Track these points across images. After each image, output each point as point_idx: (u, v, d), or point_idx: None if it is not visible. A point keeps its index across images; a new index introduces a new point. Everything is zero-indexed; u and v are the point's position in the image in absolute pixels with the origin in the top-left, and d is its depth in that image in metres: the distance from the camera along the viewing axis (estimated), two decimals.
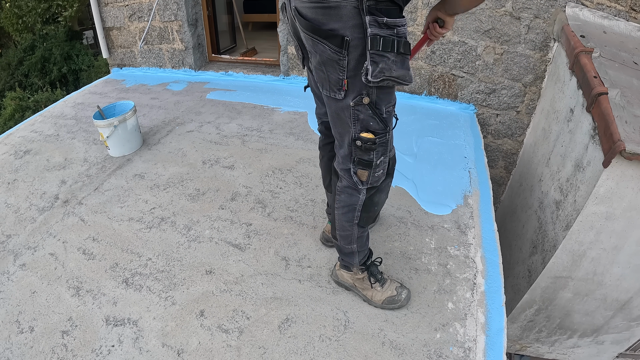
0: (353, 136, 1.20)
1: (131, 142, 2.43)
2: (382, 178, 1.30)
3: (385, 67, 1.05)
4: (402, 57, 1.06)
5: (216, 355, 1.34)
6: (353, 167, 1.26)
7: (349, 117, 1.17)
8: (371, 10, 1.00)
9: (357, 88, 1.10)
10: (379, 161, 1.24)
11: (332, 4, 1.01)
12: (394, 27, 1.02)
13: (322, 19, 1.04)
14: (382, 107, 1.15)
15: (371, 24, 1.00)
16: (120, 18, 3.53)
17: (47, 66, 9.06)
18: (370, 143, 1.19)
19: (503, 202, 3.10)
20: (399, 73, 1.07)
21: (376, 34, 1.01)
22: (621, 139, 1.48)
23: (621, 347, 2.38)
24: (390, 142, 1.28)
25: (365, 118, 1.16)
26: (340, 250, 1.47)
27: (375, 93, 1.12)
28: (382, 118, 1.16)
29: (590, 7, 2.35)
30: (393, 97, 1.19)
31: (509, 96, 2.74)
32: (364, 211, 1.34)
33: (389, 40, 1.02)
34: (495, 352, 1.32)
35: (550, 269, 1.97)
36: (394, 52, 1.04)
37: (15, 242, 1.84)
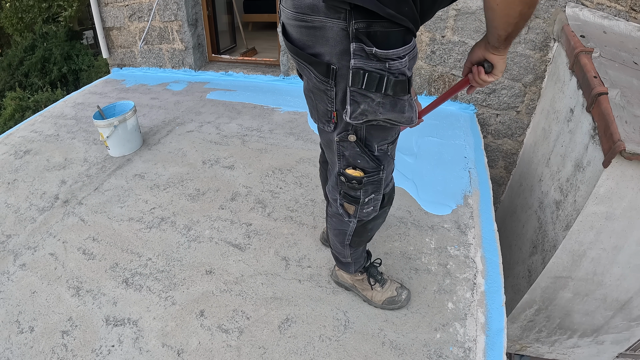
0: (338, 170, 1.08)
1: (131, 142, 2.43)
2: (373, 214, 1.18)
3: (369, 110, 0.88)
4: (393, 99, 0.87)
5: (216, 355, 1.34)
6: (340, 199, 1.16)
7: (335, 151, 1.05)
8: (359, 34, 0.79)
9: (344, 122, 0.96)
10: (368, 199, 1.11)
11: (316, 23, 0.82)
12: (385, 60, 0.81)
13: (307, 40, 0.86)
14: (374, 145, 1.00)
15: (356, 54, 0.81)
16: (120, 18, 3.53)
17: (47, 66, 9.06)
18: (355, 182, 1.06)
19: (503, 202, 3.10)
20: (388, 116, 0.90)
21: (359, 68, 0.82)
22: (621, 139, 1.48)
23: (621, 347, 2.38)
24: (386, 178, 1.12)
25: (352, 155, 1.02)
26: (336, 258, 1.44)
27: (365, 129, 0.97)
28: (373, 156, 1.02)
29: (590, 7, 2.35)
30: (390, 134, 1.02)
31: (509, 96, 2.74)
32: (356, 236, 1.26)
33: (375, 77, 0.82)
34: (495, 352, 1.32)
35: (550, 269, 1.97)
36: (380, 92, 0.84)
37: (15, 242, 1.84)
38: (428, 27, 2.68)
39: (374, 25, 0.78)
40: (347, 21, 0.79)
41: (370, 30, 0.79)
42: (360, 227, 1.22)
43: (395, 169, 2.19)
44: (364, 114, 0.89)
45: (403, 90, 0.86)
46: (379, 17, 0.76)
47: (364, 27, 0.78)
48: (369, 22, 0.78)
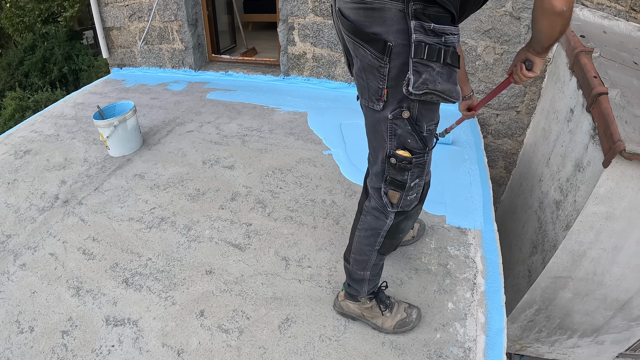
0: (388, 152, 1.10)
1: (131, 142, 2.43)
2: (415, 203, 1.19)
3: (429, 79, 0.95)
4: (449, 69, 0.95)
5: (216, 355, 1.34)
6: (384, 187, 1.16)
7: (386, 130, 1.07)
8: (418, 14, 0.90)
9: (397, 100, 1.01)
10: (414, 183, 1.13)
11: (375, 5, 0.92)
12: (442, 34, 0.91)
13: (365, 21, 0.95)
14: (423, 124, 1.05)
15: (416, 30, 0.90)
16: (120, 18, 3.53)
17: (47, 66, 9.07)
18: (405, 162, 1.09)
19: (503, 202, 3.10)
20: (444, 87, 0.97)
21: (421, 41, 0.91)
22: (621, 139, 1.48)
23: (621, 347, 2.38)
24: (428, 164, 1.17)
25: (403, 134, 1.06)
26: (350, 275, 1.36)
27: (417, 108, 1.02)
28: (422, 136, 1.06)
29: (590, 7, 2.35)
30: (436, 114, 1.08)
31: (509, 96, 2.74)
32: (388, 237, 1.25)
33: (435, 49, 0.91)
34: (495, 352, 1.32)
35: (550, 269, 1.97)
36: (440, 62, 0.93)
37: (15, 242, 1.84)
38: None
39: (428, 8, 0.90)
40: (404, 3, 0.90)
41: (426, 12, 0.90)
42: (394, 226, 1.22)
43: None
44: (425, 83, 0.95)
45: (456, 61, 0.95)
46: (432, 2, 0.89)
47: (422, 9, 0.89)
48: (425, 5, 0.89)
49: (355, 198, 2.00)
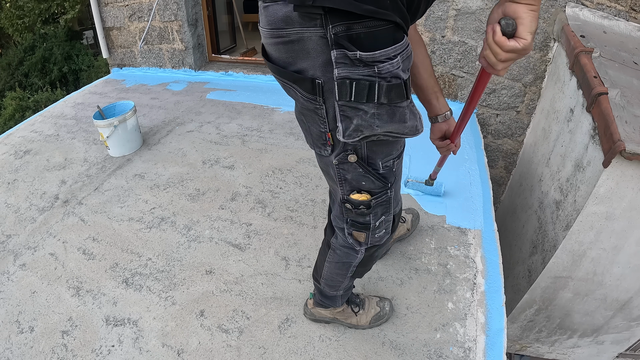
0: (342, 197, 0.97)
1: (131, 142, 2.43)
2: (385, 237, 1.07)
3: (363, 124, 0.76)
4: (390, 108, 0.75)
5: (216, 355, 1.34)
6: (347, 228, 1.04)
7: (335, 176, 0.93)
8: (339, 39, 0.68)
9: (342, 143, 0.85)
10: (379, 222, 1.00)
11: (293, 36, 0.73)
12: (373, 63, 0.69)
13: (287, 57, 0.77)
14: (378, 162, 0.89)
15: (338, 62, 0.70)
16: (120, 18, 3.53)
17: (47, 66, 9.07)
18: (363, 207, 0.95)
19: (503, 202, 3.10)
20: (388, 129, 0.78)
21: (345, 77, 0.71)
22: (621, 139, 1.48)
23: (621, 347, 2.38)
24: (394, 197, 1.01)
25: (355, 177, 0.90)
26: (321, 292, 1.29)
27: (366, 147, 0.85)
28: (378, 175, 0.90)
29: (590, 7, 2.35)
30: (395, 147, 0.90)
31: (509, 96, 2.74)
32: (361, 266, 1.16)
33: (363, 85, 0.71)
34: (495, 352, 1.32)
35: (550, 269, 1.97)
36: (372, 102, 0.73)
37: (15, 242, 1.84)
38: (428, 27, 2.68)
39: (355, 26, 0.67)
40: (324, 27, 0.68)
41: (352, 32, 0.67)
42: (368, 257, 1.12)
43: None
44: (359, 129, 0.77)
45: (400, 95, 0.75)
46: (358, 16, 0.66)
47: (344, 30, 0.67)
48: (348, 24, 0.67)
49: None
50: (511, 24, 0.66)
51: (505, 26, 0.66)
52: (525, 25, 0.65)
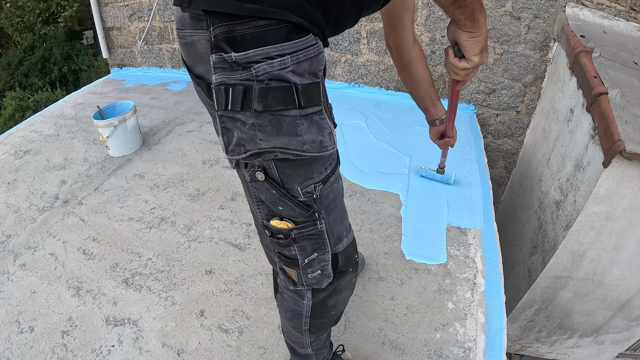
0: (261, 222, 0.83)
1: (131, 142, 2.43)
2: (325, 281, 0.88)
3: (244, 138, 0.66)
4: (274, 117, 0.64)
5: (216, 355, 1.34)
6: (278, 262, 0.88)
7: (250, 194, 0.80)
8: (219, 42, 0.61)
9: None
10: (309, 260, 0.83)
11: (187, 39, 0.68)
12: (249, 64, 0.60)
13: (190, 60, 0.71)
14: (295, 187, 0.74)
15: (217, 67, 0.62)
16: (120, 18, 3.53)
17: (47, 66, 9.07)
18: (282, 237, 0.79)
19: (503, 202, 3.10)
20: (275, 143, 0.66)
21: (221, 83, 0.63)
22: (621, 139, 1.48)
23: (621, 347, 2.38)
24: (331, 231, 0.83)
25: (270, 200, 0.76)
26: (293, 350, 1.11)
27: (275, 165, 0.72)
28: (298, 202, 0.75)
29: (590, 7, 2.35)
30: (316, 169, 0.74)
31: (509, 96, 2.74)
32: (315, 317, 0.96)
33: (239, 91, 0.62)
34: (495, 352, 1.32)
35: (550, 269, 1.97)
36: (249, 109, 0.63)
37: (15, 242, 1.84)
38: (428, 27, 2.68)
39: (239, 27, 0.60)
40: (209, 30, 0.62)
41: (236, 34, 0.60)
42: (318, 305, 0.93)
43: (393, 169, 2.19)
44: (241, 144, 0.67)
45: (282, 101, 0.63)
46: (241, 16, 0.59)
47: (225, 32, 0.60)
48: (231, 25, 0.60)
49: (355, 198, 2.00)
50: (457, 50, 0.78)
51: (456, 51, 0.79)
52: (468, 50, 0.77)
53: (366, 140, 2.45)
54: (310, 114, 0.67)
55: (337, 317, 1.04)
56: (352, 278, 0.95)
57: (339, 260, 0.89)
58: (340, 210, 0.86)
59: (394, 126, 2.58)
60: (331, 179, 0.79)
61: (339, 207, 0.85)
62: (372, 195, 2.00)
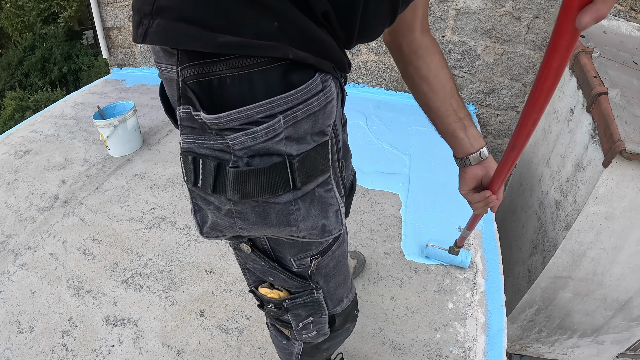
0: (248, 288, 0.74)
1: (131, 142, 2.42)
2: (321, 338, 0.81)
3: (220, 223, 0.53)
4: (258, 203, 0.50)
5: (216, 355, 1.34)
6: (269, 319, 0.82)
7: (237, 259, 0.70)
8: (187, 90, 0.45)
9: None
10: (303, 324, 0.75)
11: (165, 74, 0.51)
12: (222, 132, 0.45)
13: (171, 97, 0.55)
14: (287, 258, 0.63)
15: (184, 126, 0.48)
16: (120, 18, 3.53)
17: (47, 66, 9.07)
18: (272, 306, 0.70)
19: (503, 202, 3.10)
20: (264, 232, 0.54)
21: (188, 151, 0.49)
22: (621, 139, 1.48)
23: (621, 347, 2.38)
24: (331, 296, 0.74)
25: (259, 269, 0.66)
26: None
27: (266, 238, 0.61)
28: (291, 273, 0.65)
29: None
30: (315, 242, 0.62)
31: (509, 96, 2.74)
32: (307, 356, 0.89)
33: (209, 168, 0.47)
34: (495, 352, 1.32)
35: (550, 269, 1.97)
36: (221, 192, 0.49)
37: (15, 242, 1.84)
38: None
39: (215, 67, 0.43)
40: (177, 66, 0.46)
41: (212, 77, 0.43)
42: (310, 349, 0.86)
43: (393, 169, 2.19)
44: (217, 229, 0.54)
45: (269, 187, 0.47)
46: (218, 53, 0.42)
47: (197, 75, 0.44)
48: (204, 64, 0.43)
49: (355, 198, 2.00)
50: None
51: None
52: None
53: (366, 140, 2.45)
54: (312, 190, 0.52)
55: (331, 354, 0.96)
56: (350, 327, 0.87)
57: (337, 320, 0.79)
58: (342, 273, 0.74)
59: (394, 126, 2.58)
60: (333, 248, 0.66)
61: (341, 271, 0.73)
62: (372, 195, 2.00)
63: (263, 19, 0.41)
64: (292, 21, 0.42)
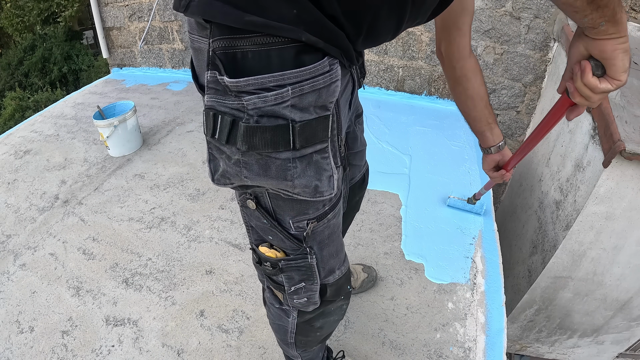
0: (250, 245, 0.82)
1: (131, 142, 2.43)
2: (312, 307, 0.86)
3: (229, 171, 0.62)
4: (261, 157, 0.59)
5: (216, 355, 1.34)
6: (265, 281, 0.88)
7: (243, 218, 0.79)
8: (215, 58, 0.54)
9: None
10: (295, 288, 0.81)
11: (195, 44, 0.60)
12: (240, 94, 0.54)
13: (197, 67, 0.63)
14: (287, 219, 0.70)
15: (209, 87, 0.56)
16: (120, 18, 3.53)
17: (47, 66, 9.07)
18: (268, 265, 0.77)
19: (503, 202, 3.10)
20: (264, 183, 0.62)
21: (210, 108, 0.58)
22: (621, 139, 1.48)
23: (621, 347, 2.38)
24: (323, 264, 0.80)
25: (260, 227, 0.74)
26: (285, 355, 1.12)
27: (268, 197, 0.68)
28: (289, 234, 0.72)
29: None
30: (311, 205, 0.69)
31: (509, 96, 2.74)
32: (300, 334, 0.94)
33: (226, 122, 0.57)
34: (495, 352, 1.32)
35: (550, 269, 1.97)
36: (233, 144, 0.58)
37: (15, 242, 1.84)
38: (428, 26, 2.68)
39: (240, 42, 0.52)
40: (209, 37, 0.54)
41: (236, 50, 0.53)
42: (303, 324, 0.91)
43: (394, 171, 2.19)
44: (226, 176, 0.63)
45: (272, 143, 0.57)
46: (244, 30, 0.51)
47: (224, 47, 0.53)
48: (231, 39, 0.52)
49: None
50: (600, 66, 0.58)
51: (595, 68, 0.59)
52: (617, 66, 0.57)
53: (366, 140, 2.45)
54: (309, 154, 0.60)
55: (325, 337, 1.03)
56: (343, 305, 0.93)
57: (328, 291, 0.85)
58: (336, 244, 0.82)
59: (394, 126, 2.58)
60: (329, 216, 0.74)
61: (335, 241, 0.81)
62: (372, 195, 2.00)
63: (284, 6, 0.50)
64: (307, 10, 0.51)
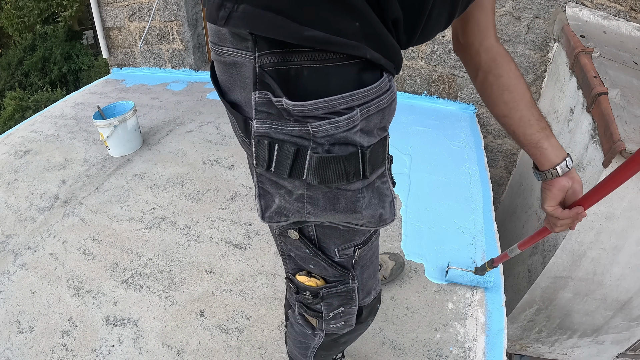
0: (285, 274, 0.77)
1: (131, 142, 2.42)
2: (346, 329, 0.84)
3: (288, 208, 0.55)
4: (330, 190, 0.53)
5: (216, 355, 1.34)
6: (298, 308, 0.83)
7: (277, 246, 0.73)
8: (265, 76, 0.46)
9: None
10: (334, 313, 0.77)
11: (227, 57, 0.53)
12: (305, 119, 0.47)
13: (226, 81, 0.56)
14: (331, 248, 0.66)
15: (259, 111, 0.48)
16: (120, 18, 3.53)
17: (47, 66, 9.07)
18: (309, 294, 0.72)
19: (503, 202, 3.10)
20: (330, 218, 0.57)
21: (263, 135, 0.49)
22: (621, 139, 1.48)
23: (621, 347, 2.38)
24: (363, 288, 0.78)
25: (301, 257, 0.69)
26: None
27: (313, 225, 0.63)
28: (332, 263, 0.67)
29: (590, 7, 2.35)
30: (359, 232, 0.65)
31: None
32: (324, 349, 0.93)
33: (288, 152, 0.49)
34: (495, 352, 1.32)
35: (550, 269, 1.97)
36: (299, 179, 0.51)
37: (15, 242, 1.84)
38: None
39: (294, 57, 0.45)
40: (254, 53, 0.47)
41: (290, 66, 0.46)
42: (330, 342, 0.89)
43: (393, 171, 2.19)
44: (282, 213, 0.56)
45: (346, 175, 0.50)
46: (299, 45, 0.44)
47: (275, 63, 0.46)
48: (284, 53, 0.45)
49: None
50: None
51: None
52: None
53: None
54: (373, 181, 0.55)
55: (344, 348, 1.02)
56: (370, 320, 0.90)
57: (364, 312, 0.83)
58: (374, 265, 0.78)
59: (394, 126, 2.56)
60: (373, 238, 0.70)
61: (374, 262, 0.77)
62: None
63: (346, 18, 0.44)
64: (370, 23, 0.45)
